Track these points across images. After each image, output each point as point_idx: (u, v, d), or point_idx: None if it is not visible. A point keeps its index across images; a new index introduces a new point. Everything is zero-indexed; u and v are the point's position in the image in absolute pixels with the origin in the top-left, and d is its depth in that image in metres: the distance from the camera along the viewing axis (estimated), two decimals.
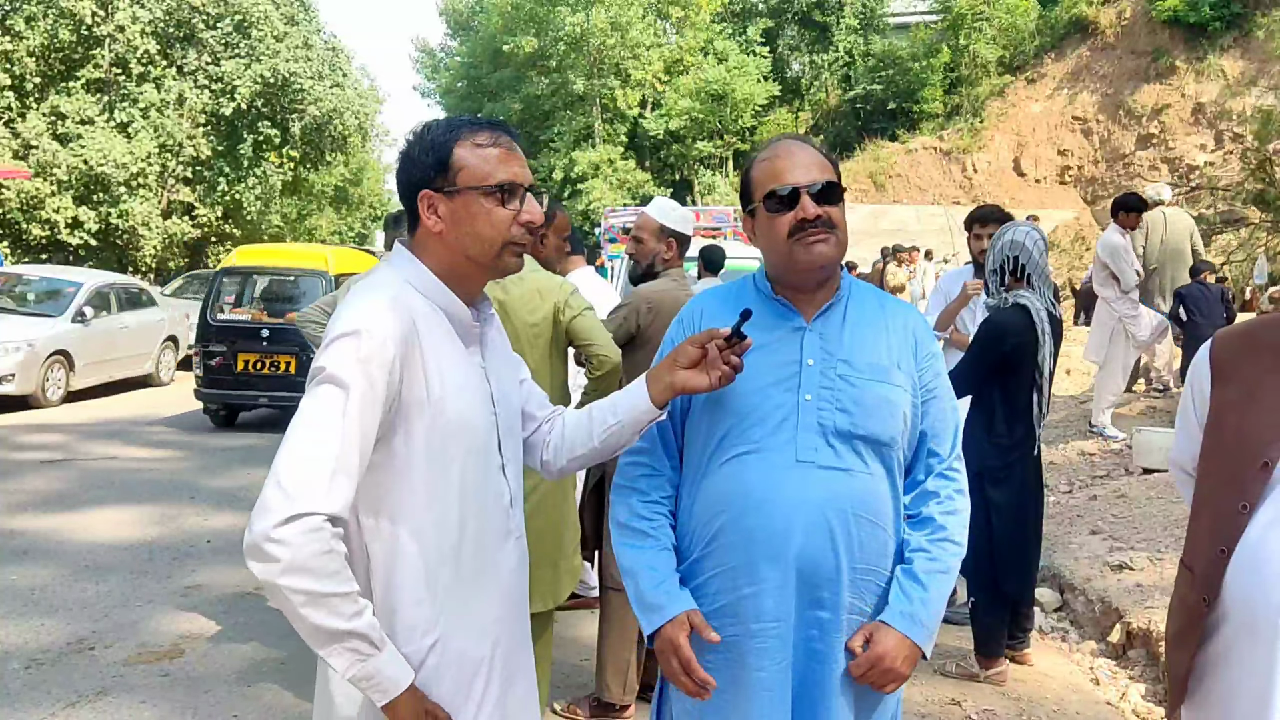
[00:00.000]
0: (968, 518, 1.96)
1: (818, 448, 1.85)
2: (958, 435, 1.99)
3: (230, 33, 23.06)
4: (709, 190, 29.67)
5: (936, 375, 1.97)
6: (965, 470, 2.00)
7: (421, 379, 1.64)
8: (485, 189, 1.70)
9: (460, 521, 1.70)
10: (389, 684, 1.58)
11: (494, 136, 1.74)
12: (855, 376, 1.88)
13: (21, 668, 4.17)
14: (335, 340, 1.60)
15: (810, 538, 1.82)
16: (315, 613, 1.50)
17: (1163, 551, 5.21)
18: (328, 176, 31.13)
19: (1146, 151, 23.06)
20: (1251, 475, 1.77)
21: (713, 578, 1.90)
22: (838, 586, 1.84)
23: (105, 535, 6.15)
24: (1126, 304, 7.99)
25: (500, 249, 1.73)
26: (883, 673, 1.84)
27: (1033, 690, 4.14)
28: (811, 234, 1.86)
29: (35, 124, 20.41)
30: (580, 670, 4.25)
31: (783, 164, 1.90)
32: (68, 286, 12.36)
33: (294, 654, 4.36)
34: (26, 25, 20.82)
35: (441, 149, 1.71)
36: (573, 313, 3.25)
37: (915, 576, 1.88)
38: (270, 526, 1.47)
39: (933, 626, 1.88)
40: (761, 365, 1.89)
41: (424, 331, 1.67)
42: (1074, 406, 9.43)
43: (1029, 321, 3.98)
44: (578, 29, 29.18)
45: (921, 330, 1.98)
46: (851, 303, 1.96)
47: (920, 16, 30.54)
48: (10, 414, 10.55)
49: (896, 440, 1.89)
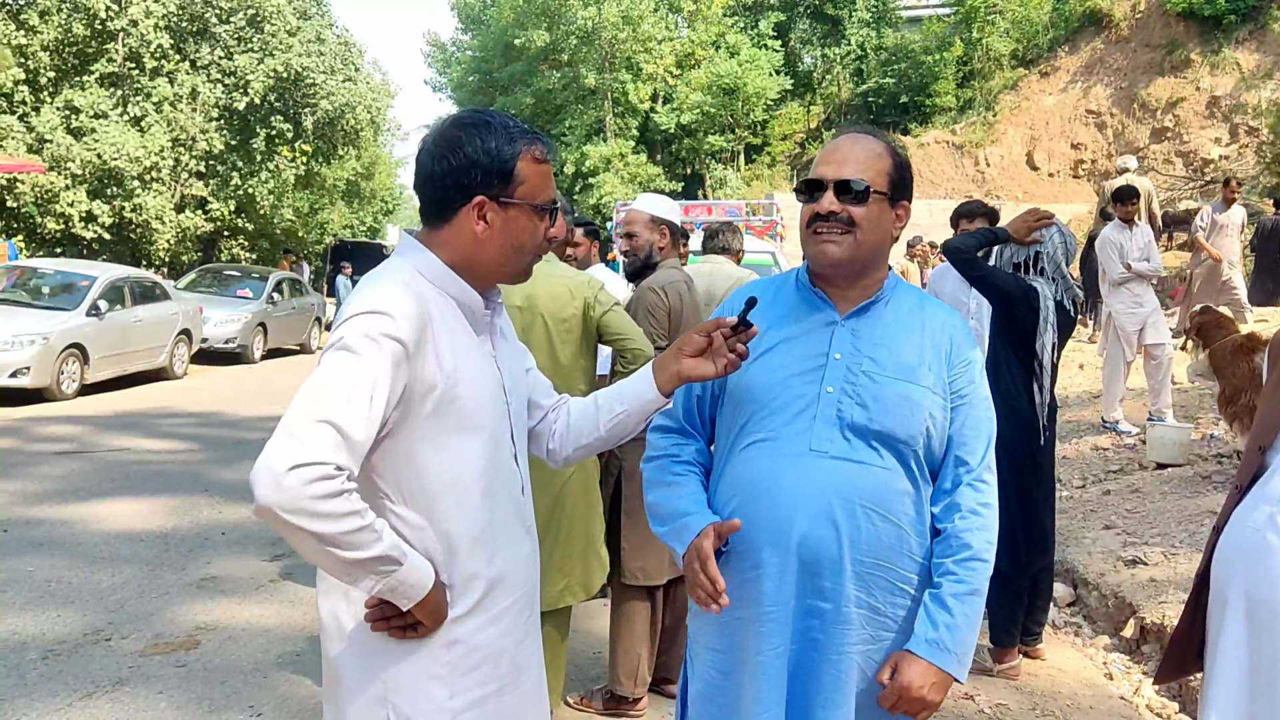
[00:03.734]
0: (995, 531, 1.93)
1: (832, 439, 1.85)
2: (990, 445, 1.96)
3: (243, 27, 23.08)
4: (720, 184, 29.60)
5: (971, 383, 1.94)
6: (997, 479, 1.98)
7: (436, 364, 1.65)
8: (537, 206, 1.75)
9: (477, 507, 1.72)
10: (414, 590, 1.61)
11: (545, 152, 1.77)
12: (879, 373, 1.88)
13: (39, 658, 4.21)
14: (352, 317, 1.61)
15: (813, 525, 1.83)
16: (335, 551, 1.53)
17: (1177, 546, 5.19)
18: (340, 170, 31.17)
19: (1161, 145, 22.89)
20: (1250, 459, 2.02)
21: (723, 562, 1.90)
22: (840, 577, 1.84)
23: (120, 526, 6.19)
24: (1118, 296, 7.96)
25: (530, 261, 1.79)
26: (910, 702, 1.82)
27: (1046, 685, 4.13)
28: (825, 229, 1.87)
29: (49, 118, 20.47)
30: (594, 663, 4.26)
31: (827, 155, 1.94)
32: (82, 280, 12.43)
33: (309, 645, 4.39)
34: (41, 19, 20.88)
35: (508, 160, 1.71)
36: (603, 308, 3.32)
37: (942, 601, 1.86)
38: (277, 474, 1.49)
39: (963, 650, 1.86)
40: (789, 356, 1.90)
41: (437, 318, 1.68)
42: (1087, 402, 9.39)
43: (1033, 304, 3.97)
44: (589, 23, 29.11)
45: (960, 336, 1.96)
46: (891, 302, 1.96)
47: (933, 10, 30.39)
48: (26, 406, 10.61)
49: (915, 439, 1.87)
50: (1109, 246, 7.94)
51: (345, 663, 1.72)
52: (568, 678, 3.85)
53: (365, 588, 1.59)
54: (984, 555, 1.90)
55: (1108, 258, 7.93)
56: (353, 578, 1.57)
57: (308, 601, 4.95)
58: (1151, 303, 8.03)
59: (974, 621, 1.87)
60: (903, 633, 1.89)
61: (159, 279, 15.00)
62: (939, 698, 1.83)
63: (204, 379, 14.12)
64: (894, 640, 1.89)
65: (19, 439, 8.92)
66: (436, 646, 1.68)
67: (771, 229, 13.33)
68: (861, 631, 1.86)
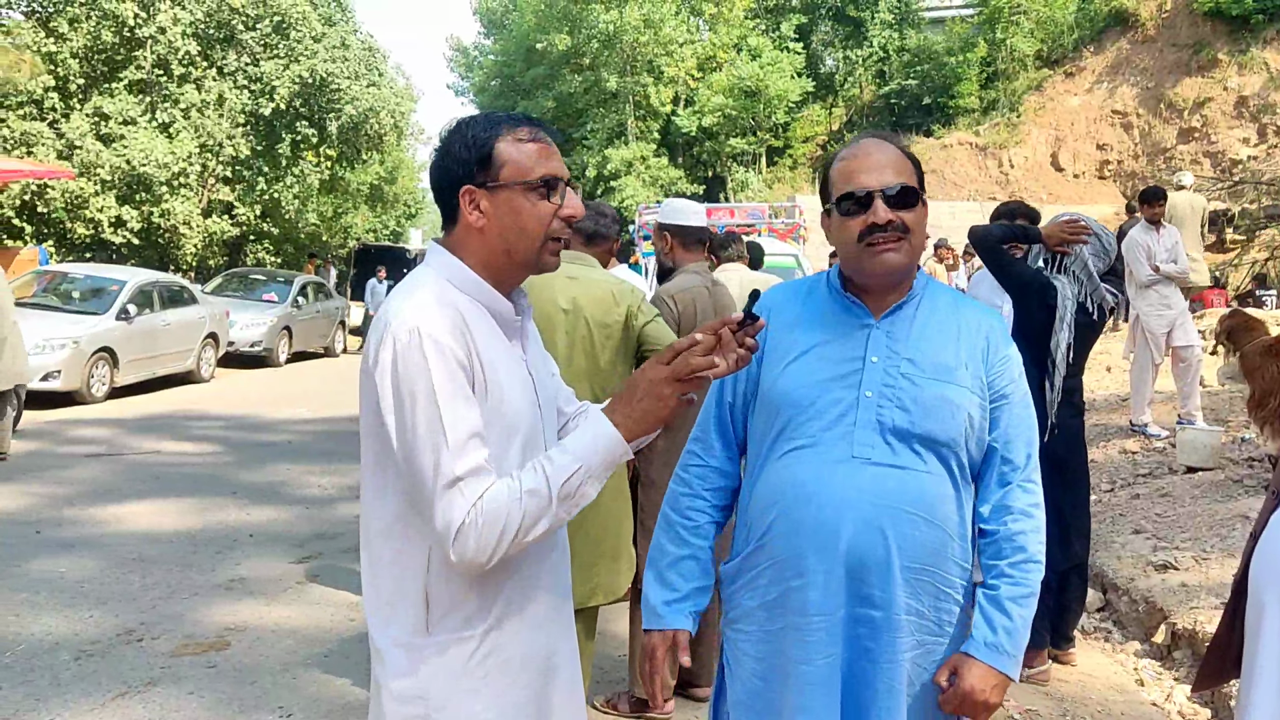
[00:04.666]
0: (1044, 533, 1.93)
1: (874, 444, 1.84)
2: (1033, 444, 1.94)
3: (269, 34, 23.27)
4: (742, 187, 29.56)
5: (1011, 381, 1.92)
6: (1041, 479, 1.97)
7: (477, 372, 1.66)
8: (528, 183, 1.71)
9: None
10: (614, 454, 1.65)
11: (533, 132, 1.75)
12: (918, 375, 1.86)
13: (72, 658, 4.26)
14: (395, 346, 1.61)
15: (860, 533, 1.81)
16: (545, 519, 1.60)
17: (1208, 551, 5.13)
18: (363, 175, 31.35)
19: (1188, 145, 22.67)
20: None
21: (765, 570, 1.90)
22: (889, 584, 1.82)
23: (150, 528, 6.26)
24: (1146, 298, 7.89)
25: (542, 243, 1.75)
26: (974, 706, 1.83)
27: (1076, 690, 4.10)
28: (880, 240, 1.84)
29: (79, 125, 20.71)
30: (619, 665, 4.27)
31: (859, 164, 1.89)
32: (111, 284, 12.58)
33: (338, 645, 4.42)
34: (70, 27, 21.13)
35: (483, 145, 1.72)
36: (645, 319, 3.41)
37: (999, 604, 1.86)
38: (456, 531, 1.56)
39: (1019, 652, 1.87)
40: (825, 360, 1.89)
41: (473, 327, 1.68)
42: (1116, 405, 9.31)
43: (1048, 300, 3.94)
44: (611, 26, 29.16)
45: (997, 334, 1.94)
46: (924, 302, 1.94)
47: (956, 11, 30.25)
48: (57, 409, 10.74)
49: (957, 441, 1.86)
50: (1136, 248, 7.87)
51: (386, 679, 1.73)
52: (595, 679, 3.85)
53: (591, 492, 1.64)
54: (1038, 557, 1.90)
55: (1135, 259, 7.87)
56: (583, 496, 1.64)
57: (335, 603, 4.99)
58: (1180, 304, 7.95)
59: (1029, 623, 1.88)
60: (949, 637, 1.88)
61: (186, 283, 15.16)
62: (1000, 700, 1.84)
63: (230, 382, 14.25)
64: (941, 645, 1.88)
65: (50, 441, 9.03)
66: (473, 660, 1.69)
67: (794, 231, 13.30)
68: (911, 638, 1.85)
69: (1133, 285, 7.98)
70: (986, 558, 1.91)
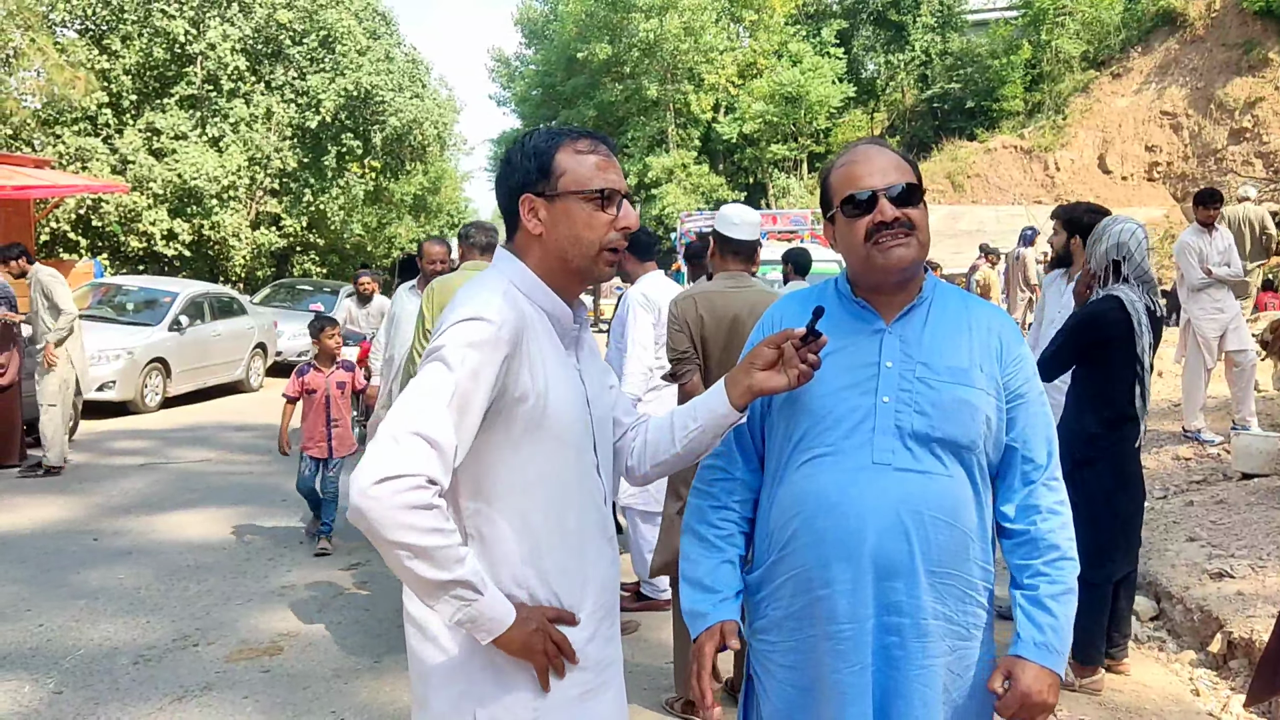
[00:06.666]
0: (1073, 529, 1.92)
1: (895, 450, 1.83)
2: (1053, 442, 1.93)
3: (316, 48, 23.68)
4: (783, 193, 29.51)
5: (1026, 380, 1.91)
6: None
7: (529, 375, 1.70)
8: (585, 193, 1.76)
9: (561, 513, 1.76)
10: (494, 624, 1.65)
11: (593, 144, 1.79)
12: (934, 379, 1.85)
13: (130, 663, 4.36)
14: (453, 325, 1.67)
15: (884, 539, 1.81)
16: (418, 565, 1.57)
17: (1265, 559, 5.03)
18: (407, 185, 31.72)
19: (1239, 146, 22.26)
20: None
21: (787, 581, 1.90)
22: (915, 589, 1.82)
23: (203, 535, 6.38)
24: (1198, 301, 7.75)
25: (598, 253, 1.79)
26: (1032, 707, 1.82)
27: (1130, 700, 4.04)
28: (889, 236, 1.84)
29: (132, 140, 21.21)
30: (664, 673, 4.28)
31: (860, 168, 1.89)
32: (164, 296, 12.83)
33: (388, 652, 4.48)
34: (123, 44, 21.67)
35: (544, 155, 1.77)
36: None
37: (1041, 603, 1.86)
38: (368, 484, 1.54)
39: (1066, 649, 1.88)
40: (839, 367, 1.88)
41: (530, 328, 1.73)
42: (1168, 411, 9.15)
43: (1123, 314, 3.91)
44: (651, 35, 29.29)
45: (1008, 333, 1.93)
46: (934, 304, 1.93)
47: (1000, 13, 29.97)
48: (112, 419, 10.97)
49: (977, 443, 1.86)
50: (1188, 251, 7.74)
51: (432, 670, 1.78)
52: (643, 688, 3.86)
53: (446, 615, 1.63)
54: (1071, 554, 1.89)
55: (1186, 263, 7.74)
56: (434, 598, 1.61)
57: (385, 610, 5.05)
58: (1233, 308, 7.79)
59: (1071, 620, 1.88)
60: (978, 641, 1.88)
61: (236, 294, 15.42)
62: (1056, 699, 1.84)
63: (278, 391, 14.42)
64: (972, 649, 1.88)
65: (105, 451, 9.24)
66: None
67: None
68: (940, 643, 1.84)
69: (1184, 289, 7.85)
70: (1018, 558, 1.90)
